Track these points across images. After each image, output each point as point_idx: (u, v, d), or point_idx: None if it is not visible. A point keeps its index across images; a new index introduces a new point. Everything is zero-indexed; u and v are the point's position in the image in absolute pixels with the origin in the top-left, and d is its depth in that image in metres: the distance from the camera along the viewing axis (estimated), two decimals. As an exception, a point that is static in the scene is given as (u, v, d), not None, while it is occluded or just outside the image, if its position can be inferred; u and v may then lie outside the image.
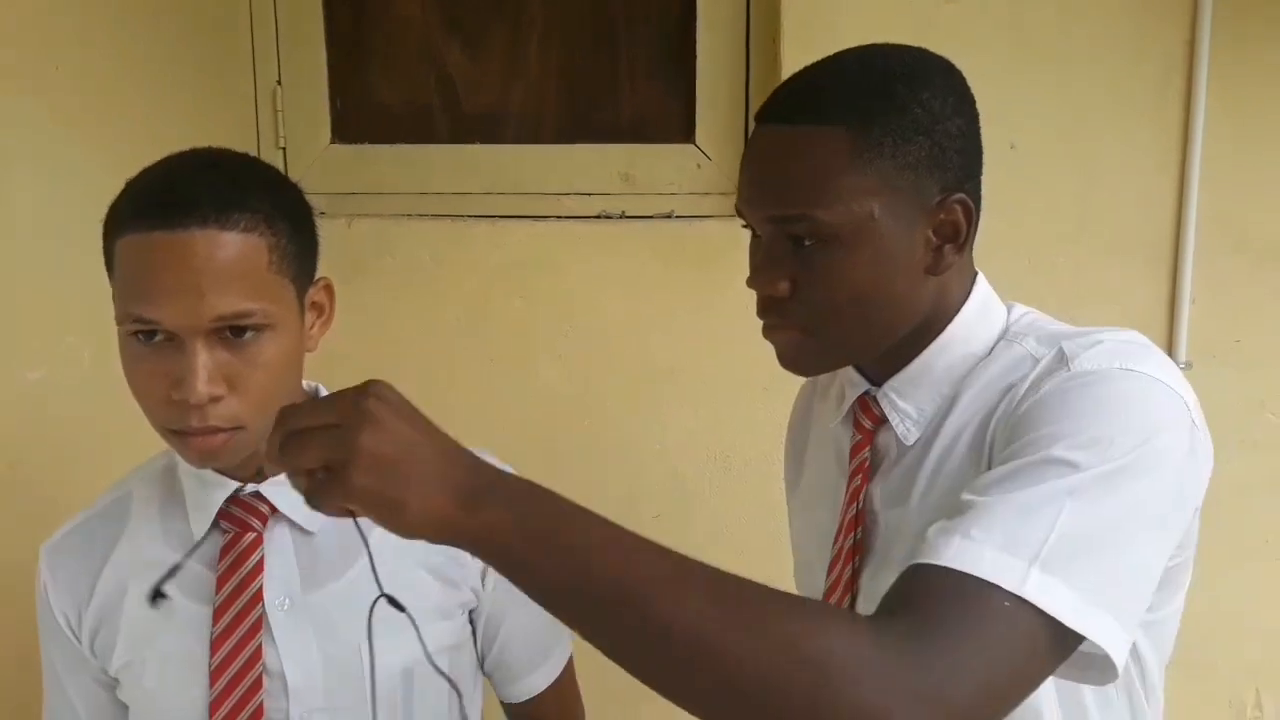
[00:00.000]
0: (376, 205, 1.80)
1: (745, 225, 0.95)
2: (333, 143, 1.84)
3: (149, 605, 0.88)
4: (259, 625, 0.96)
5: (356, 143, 1.84)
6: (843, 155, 0.86)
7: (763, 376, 0.97)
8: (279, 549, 0.99)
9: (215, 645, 0.95)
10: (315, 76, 1.82)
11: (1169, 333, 1.66)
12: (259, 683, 0.95)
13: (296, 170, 1.81)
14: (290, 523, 0.99)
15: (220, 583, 0.96)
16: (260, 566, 0.97)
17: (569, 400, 1.77)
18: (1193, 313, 1.64)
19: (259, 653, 0.96)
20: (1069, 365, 0.85)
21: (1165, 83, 1.60)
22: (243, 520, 0.98)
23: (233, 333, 0.88)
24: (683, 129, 1.79)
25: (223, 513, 0.98)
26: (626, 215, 1.77)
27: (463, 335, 1.77)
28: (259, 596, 0.96)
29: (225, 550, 0.97)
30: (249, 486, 0.98)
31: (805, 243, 0.88)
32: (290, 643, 0.97)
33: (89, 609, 1.00)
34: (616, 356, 1.76)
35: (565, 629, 0.82)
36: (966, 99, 0.92)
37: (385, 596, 0.77)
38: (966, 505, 0.76)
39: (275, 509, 0.98)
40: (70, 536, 1.03)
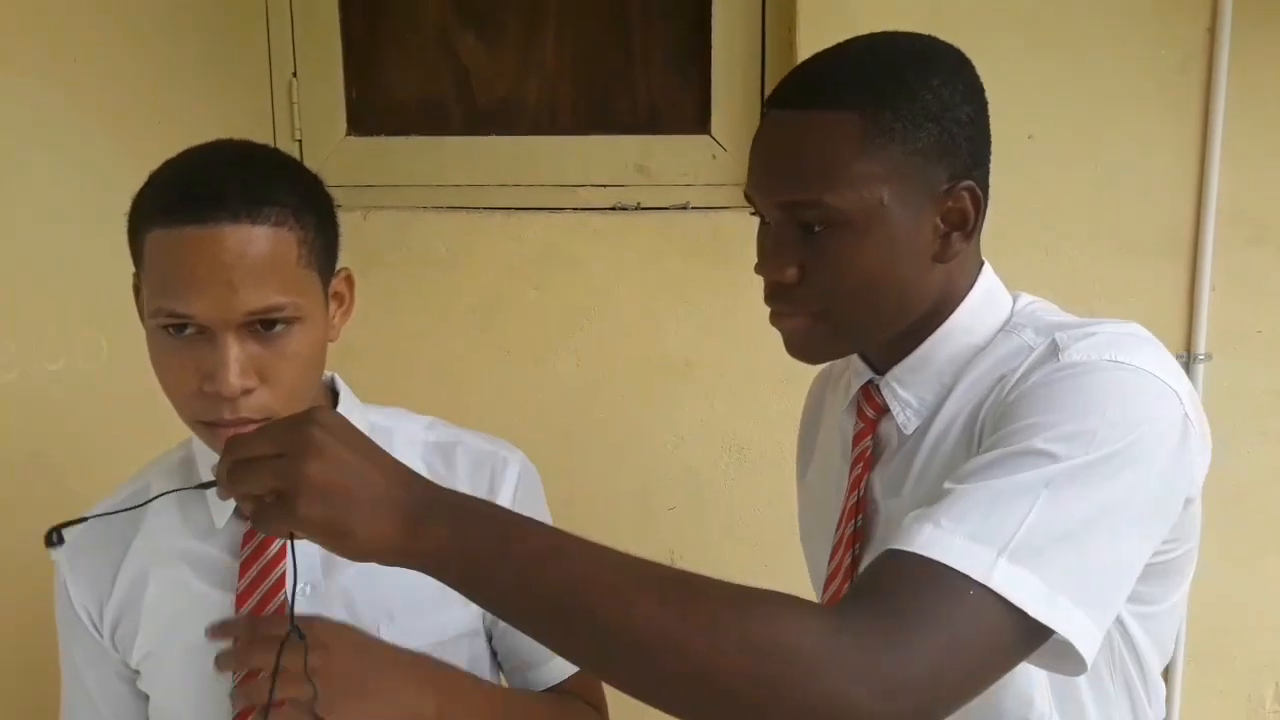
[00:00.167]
0: (392, 197, 1.81)
1: (753, 212, 0.95)
2: (348, 135, 1.85)
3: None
4: (281, 612, 0.96)
5: (372, 135, 1.84)
6: (854, 141, 0.86)
7: (778, 369, 0.97)
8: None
9: None
10: (331, 69, 1.83)
11: (1188, 324, 1.64)
12: None
13: (312, 162, 1.81)
14: None
15: (243, 570, 0.97)
16: (282, 553, 0.97)
17: (583, 392, 1.77)
18: (1212, 303, 1.63)
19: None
20: (1059, 356, 0.84)
21: (1185, 71, 1.59)
22: None
23: (263, 326, 0.88)
24: (698, 120, 1.78)
25: None
26: (642, 207, 1.77)
27: (478, 327, 1.77)
28: (281, 583, 0.96)
29: (247, 538, 0.98)
30: None
31: (814, 229, 0.88)
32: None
33: (110, 601, 1.01)
34: (631, 348, 1.76)
35: None
36: (975, 87, 0.91)
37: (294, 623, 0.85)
38: (945, 493, 0.77)
39: None
40: (89, 529, 1.03)
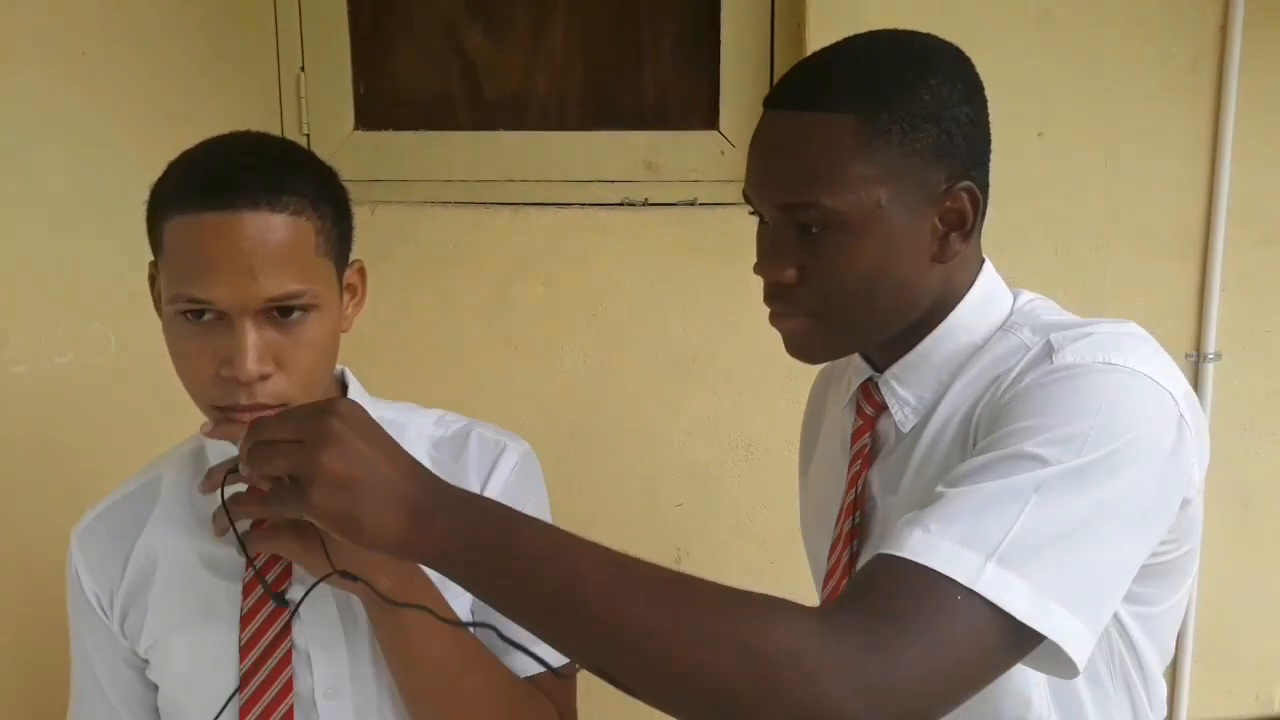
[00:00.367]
0: (399, 192, 1.81)
1: (752, 211, 0.94)
2: (356, 130, 1.84)
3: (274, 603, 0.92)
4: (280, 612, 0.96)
5: (380, 129, 1.84)
6: (851, 143, 0.85)
7: (785, 365, 0.96)
8: None
9: (244, 622, 0.96)
10: (339, 63, 1.82)
11: (1198, 322, 1.64)
12: (288, 658, 0.96)
13: (320, 157, 1.82)
14: None
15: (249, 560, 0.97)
16: None
17: (591, 388, 1.77)
18: (1222, 302, 1.63)
19: (288, 629, 0.96)
20: (1053, 358, 0.84)
21: (1196, 69, 1.58)
22: None
23: (280, 313, 0.89)
24: (706, 115, 1.78)
25: None
26: (650, 203, 1.77)
27: (485, 323, 1.77)
28: (288, 573, 0.97)
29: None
30: None
31: (812, 230, 0.88)
32: (315, 619, 0.97)
33: (120, 589, 1.01)
34: (638, 344, 1.75)
35: None
36: (975, 85, 0.90)
37: (339, 572, 0.84)
38: (936, 497, 0.77)
39: None
40: (100, 519, 1.04)
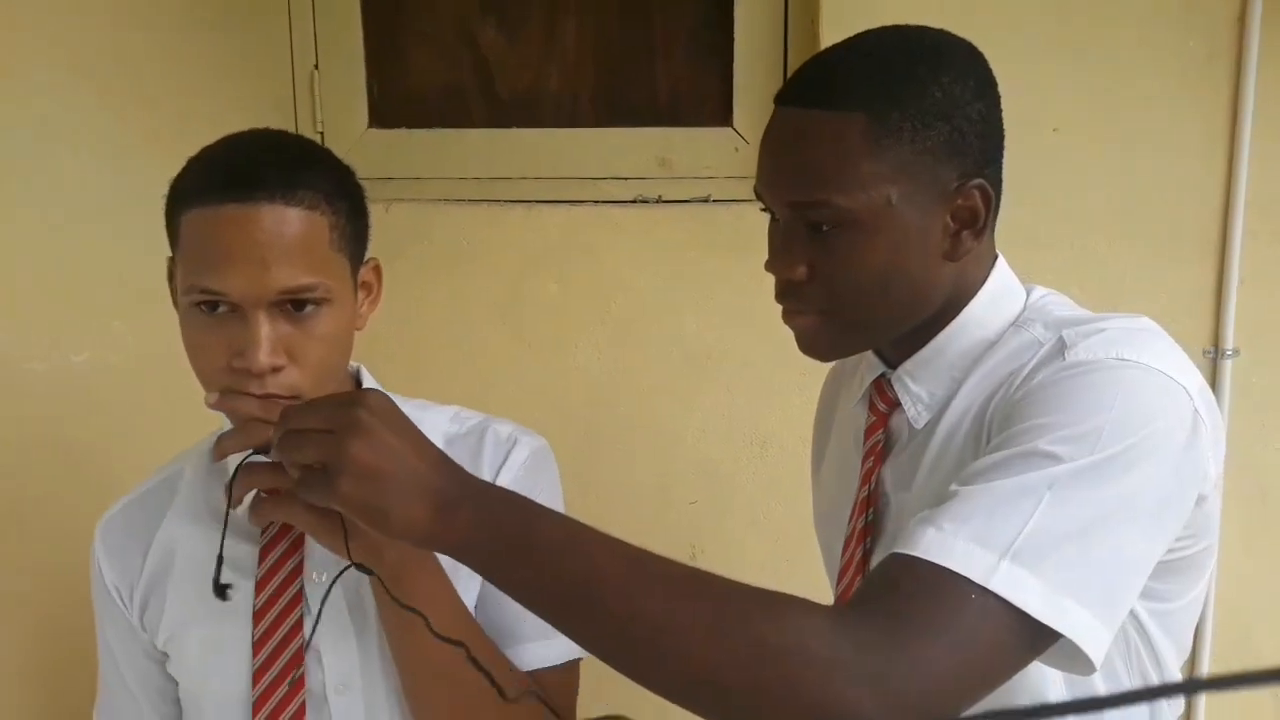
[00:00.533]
0: (413, 190, 1.81)
1: (764, 208, 0.94)
2: (370, 127, 1.85)
3: (216, 598, 0.90)
4: (299, 598, 0.97)
5: (393, 127, 1.85)
6: (862, 141, 0.85)
7: (799, 361, 0.96)
8: None
9: (257, 617, 0.97)
10: (352, 61, 1.83)
11: (1216, 319, 1.62)
12: (300, 655, 0.97)
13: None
14: None
15: (262, 556, 0.98)
16: (301, 540, 0.98)
17: (604, 385, 1.77)
18: (1240, 298, 1.61)
19: (300, 625, 0.97)
20: (1065, 354, 0.84)
21: (1213, 63, 1.57)
22: None
23: (294, 306, 0.89)
24: (720, 112, 1.78)
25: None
26: (663, 200, 1.77)
27: (499, 320, 1.78)
28: (300, 569, 0.98)
29: (267, 525, 0.99)
30: None
31: (823, 228, 0.88)
32: (326, 615, 0.98)
33: (140, 582, 1.02)
34: (652, 341, 1.75)
35: None
36: (988, 82, 0.90)
37: (355, 565, 0.83)
38: (950, 495, 0.77)
39: None
40: (122, 512, 1.05)
